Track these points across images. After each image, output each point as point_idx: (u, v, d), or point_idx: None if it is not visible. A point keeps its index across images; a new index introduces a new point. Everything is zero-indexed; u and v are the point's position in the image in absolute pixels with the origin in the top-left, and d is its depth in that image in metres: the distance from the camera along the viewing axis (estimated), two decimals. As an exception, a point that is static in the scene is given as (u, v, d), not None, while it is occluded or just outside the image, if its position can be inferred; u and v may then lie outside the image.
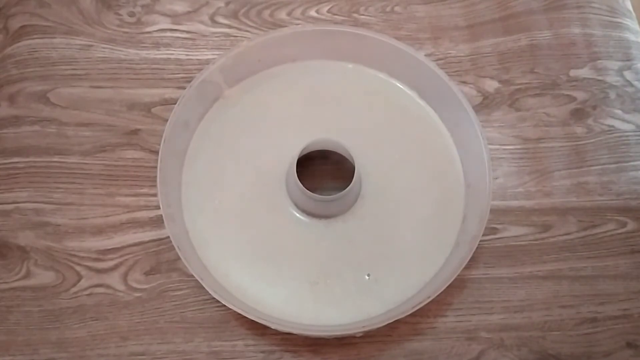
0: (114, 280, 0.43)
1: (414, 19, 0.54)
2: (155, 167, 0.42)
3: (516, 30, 0.54)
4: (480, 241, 0.41)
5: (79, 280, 0.43)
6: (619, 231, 0.46)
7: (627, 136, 0.50)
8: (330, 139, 0.44)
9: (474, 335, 0.42)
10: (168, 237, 0.41)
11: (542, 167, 0.48)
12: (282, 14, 0.54)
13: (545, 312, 0.43)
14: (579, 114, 0.51)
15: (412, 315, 0.39)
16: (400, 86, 0.49)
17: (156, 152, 0.43)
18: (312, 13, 0.54)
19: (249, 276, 0.42)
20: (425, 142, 0.47)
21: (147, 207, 0.46)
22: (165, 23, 0.53)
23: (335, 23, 0.54)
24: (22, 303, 0.43)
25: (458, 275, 0.40)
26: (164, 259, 0.44)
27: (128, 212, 0.45)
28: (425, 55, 0.48)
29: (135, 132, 0.48)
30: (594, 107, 0.51)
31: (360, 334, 0.41)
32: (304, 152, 0.43)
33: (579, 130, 0.50)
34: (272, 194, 0.45)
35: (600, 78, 0.52)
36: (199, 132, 0.47)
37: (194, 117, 0.46)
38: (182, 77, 0.50)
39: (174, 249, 0.40)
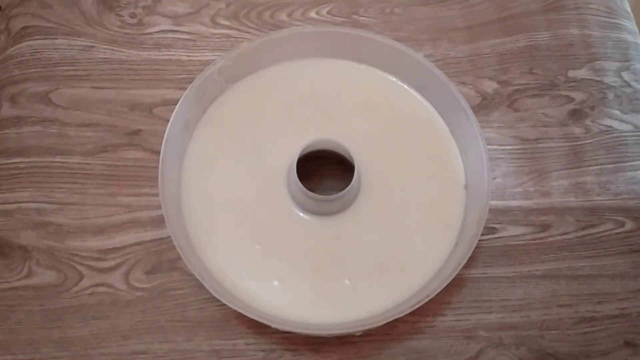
0: (116, 279, 0.44)
1: (413, 20, 0.55)
2: (157, 167, 0.42)
3: (515, 31, 0.54)
4: (479, 241, 0.42)
5: (80, 280, 0.44)
6: (617, 231, 0.46)
7: (625, 136, 0.50)
8: (330, 139, 0.44)
9: (473, 334, 0.43)
10: (169, 236, 0.41)
11: (541, 167, 0.49)
12: (283, 16, 0.54)
13: (543, 311, 0.44)
14: (577, 115, 0.51)
15: (412, 314, 0.39)
16: (400, 87, 0.49)
17: (157, 152, 0.43)
18: (312, 14, 0.55)
19: (250, 275, 0.42)
20: (425, 142, 0.48)
21: (148, 207, 0.46)
22: (166, 24, 0.54)
23: (335, 24, 0.54)
24: (24, 302, 0.43)
25: (457, 275, 0.40)
26: (165, 258, 0.44)
27: (129, 211, 0.46)
28: (425, 56, 0.48)
29: (137, 132, 0.49)
30: (592, 108, 0.51)
31: (360, 333, 0.41)
32: (304, 152, 0.43)
33: (577, 130, 0.50)
34: (272, 193, 0.45)
35: (598, 79, 0.53)
36: (199, 132, 0.47)
37: (195, 117, 0.47)
38: (183, 78, 0.51)
39: (175, 248, 0.40)
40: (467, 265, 0.41)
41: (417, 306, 0.39)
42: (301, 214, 0.44)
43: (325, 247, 0.44)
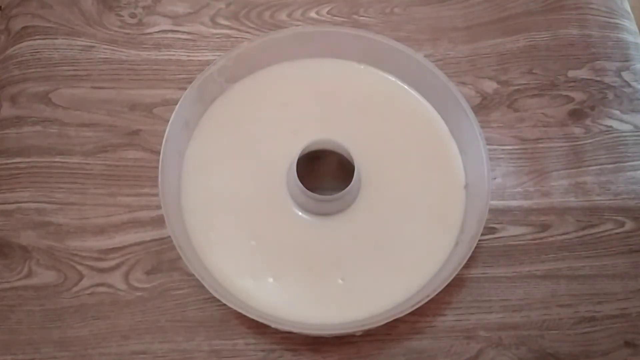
0: (116, 279, 0.44)
1: (413, 20, 0.55)
2: (157, 167, 0.42)
3: (515, 31, 0.54)
4: (479, 241, 0.42)
5: (80, 280, 0.44)
6: (617, 231, 0.46)
7: (625, 136, 0.50)
8: (330, 139, 0.44)
9: (473, 334, 0.43)
10: (169, 236, 0.41)
11: (541, 167, 0.49)
12: (283, 16, 0.54)
13: (543, 311, 0.44)
14: (577, 115, 0.51)
15: (412, 314, 0.39)
16: (400, 87, 0.49)
17: (157, 152, 0.43)
18: (312, 14, 0.55)
19: (250, 275, 0.42)
20: (425, 142, 0.48)
21: (148, 207, 0.46)
22: (166, 24, 0.54)
23: (335, 24, 0.54)
24: (24, 302, 0.43)
25: (457, 275, 0.40)
26: (165, 258, 0.44)
27: (129, 211, 0.46)
28: (425, 56, 0.48)
29: (137, 132, 0.49)
30: (592, 108, 0.51)
31: (360, 333, 0.41)
32: (304, 152, 0.43)
33: (577, 130, 0.50)
34: (272, 193, 0.45)
35: (598, 79, 0.53)
36: (199, 132, 0.47)
37: (195, 117, 0.47)
38: (183, 78, 0.51)
39: (175, 248, 0.40)
40: (467, 265, 0.41)
41: (417, 306, 0.39)
42: (301, 214, 0.44)
43: (325, 246, 0.44)
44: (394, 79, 0.49)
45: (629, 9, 0.58)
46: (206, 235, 0.43)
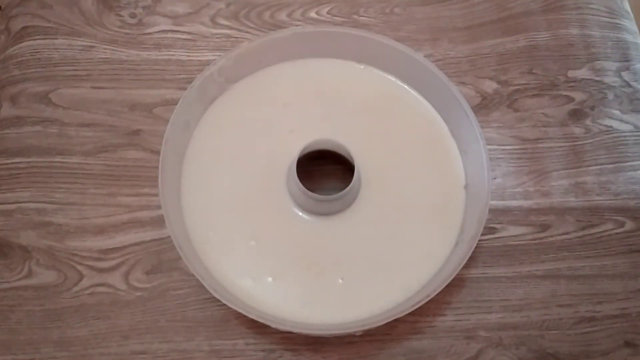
0: (116, 279, 0.44)
1: (413, 20, 0.55)
2: (157, 167, 0.42)
3: (515, 31, 0.54)
4: (479, 241, 0.42)
5: (80, 280, 0.44)
6: (617, 231, 0.46)
7: (625, 136, 0.50)
8: (330, 139, 0.44)
9: (473, 334, 0.43)
10: (169, 236, 0.41)
11: (541, 167, 0.49)
12: (282, 15, 0.54)
13: (543, 311, 0.44)
14: (577, 115, 0.51)
15: (412, 314, 0.39)
16: (400, 87, 0.49)
17: (157, 152, 0.43)
18: (312, 14, 0.55)
19: (250, 275, 0.42)
20: (425, 142, 0.48)
21: (148, 207, 0.46)
22: (166, 24, 0.54)
23: (335, 24, 0.54)
24: (24, 302, 0.43)
25: (457, 275, 0.40)
26: (165, 258, 0.44)
27: (129, 211, 0.46)
28: (425, 56, 0.48)
29: (137, 132, 0.49)
30: (592, 108, 0.51)
31: (360, 333, 0.41)
32: (304, 152, 0.44)
33: (577, 130, 0.50)
34: (273, 193, 0.45)
35: (598, 79, 0.53)
36: (199, 132, 0.47)
37: (195, 117, 0.47)
38: (183, 78, 0.51)
39: (175, 248, 0.40)
40: (467, 265, 0.41)
41: (417, 306, 0.39)
42: (301, 214, 0.44)
43: (325, 246, 0.44)
44: (394, 79, 0.49)
45: (629, 9, 0.58)
46: (206, 235, 0.43)
